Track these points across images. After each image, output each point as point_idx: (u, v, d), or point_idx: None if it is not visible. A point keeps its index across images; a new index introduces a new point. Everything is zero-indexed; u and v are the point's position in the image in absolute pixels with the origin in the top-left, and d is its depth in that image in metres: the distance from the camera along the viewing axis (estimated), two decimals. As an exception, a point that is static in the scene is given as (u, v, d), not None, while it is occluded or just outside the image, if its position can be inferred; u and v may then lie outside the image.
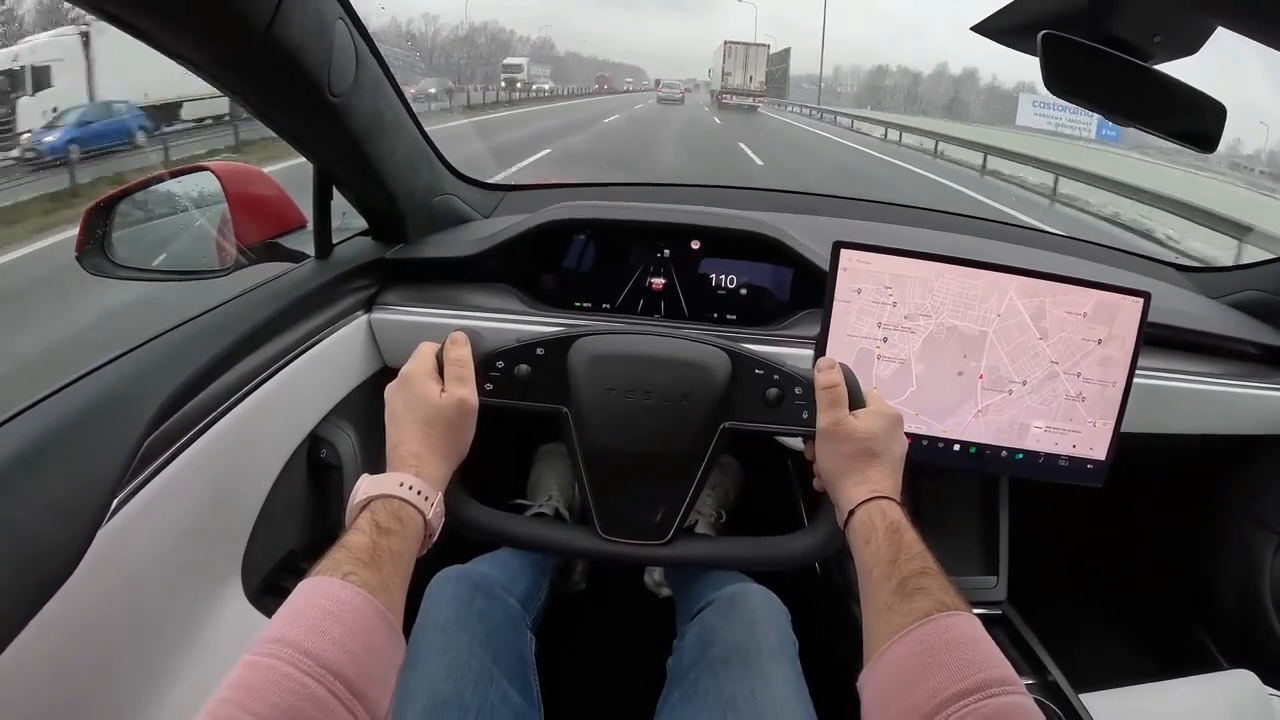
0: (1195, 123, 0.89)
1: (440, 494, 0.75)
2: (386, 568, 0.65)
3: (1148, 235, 10.52)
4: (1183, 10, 0.80)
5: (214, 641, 0.93)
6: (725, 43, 42.14)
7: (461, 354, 0.81)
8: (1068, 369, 1.10)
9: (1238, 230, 8.77)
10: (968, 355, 1.11)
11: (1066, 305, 1.09)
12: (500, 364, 0.83)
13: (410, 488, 0.71)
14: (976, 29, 0.95)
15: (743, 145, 17.53)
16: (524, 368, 0.83)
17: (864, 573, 0.72)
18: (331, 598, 0.60)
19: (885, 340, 1.11)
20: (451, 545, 0.80)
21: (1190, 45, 0.84)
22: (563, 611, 1.35)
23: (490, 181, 1.65)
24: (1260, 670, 1.14)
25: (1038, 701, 0.62)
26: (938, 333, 1.11)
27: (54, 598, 0.69)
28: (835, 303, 1.11)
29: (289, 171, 1.17)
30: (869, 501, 0.76)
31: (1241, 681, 1.13)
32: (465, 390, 0.79)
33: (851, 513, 0.76)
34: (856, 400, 0.82)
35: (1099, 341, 1.09)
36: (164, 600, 0.88)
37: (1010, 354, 1.10)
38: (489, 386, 0.83)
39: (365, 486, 0.71)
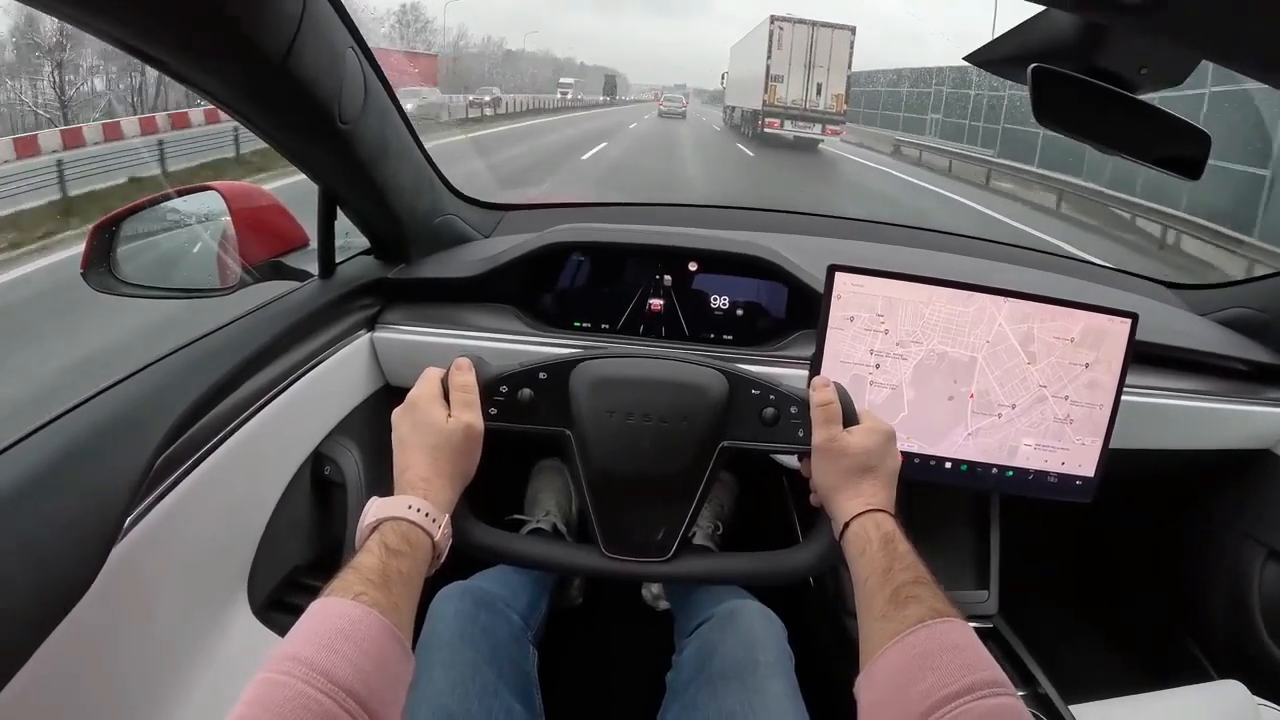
0: (1180, 151, 0.92)
1: (447, 517, 0.76)
2: (396, 589, 0.66)
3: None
4: (1168, 43, 0.82)
5: (222, 657, 0.94)
6: (773, 21, 22.00)
7: (467, 379, 0.83)
8: (1055, 393, 1.12)
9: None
10: (958, 380, 1.13)
11: (1054, 331, 1.11)
12: (504, 388, 0.85)
13: (419, 510, 0.73)
14: (969, 59, 0.97)
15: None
16: (527, 392, 0.85)
17: (859, 583, 0.74)
18: (344, 617, 0.61)
19: (878, 367, 1.14)
20: (452, 560, 0.81)
21: (1176, 76, 0.86)
22: (561, 625, 1.36)
23: (491, 201, 1.67)
24: (1249, 680, 1.15)
25: None
26: (928, 359, 1.13)
27: (68, 615, 0.71)
28: (829, 330, 1.13)
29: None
30: (864, 514, 0.77)
31: (1230, 692, 1.14)
32: (471, 415, 0.81)
33: (847, 525, 0.78)
34: (850, 417, 0.84)
35: (1086, 366, 1.12)
36: (173, 617, 0.89)
37: (999, 379, 1.12)
38: (493, 410, 0.84)
39: (374, 509, 0.73)
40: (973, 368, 1.13)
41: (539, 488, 1.68)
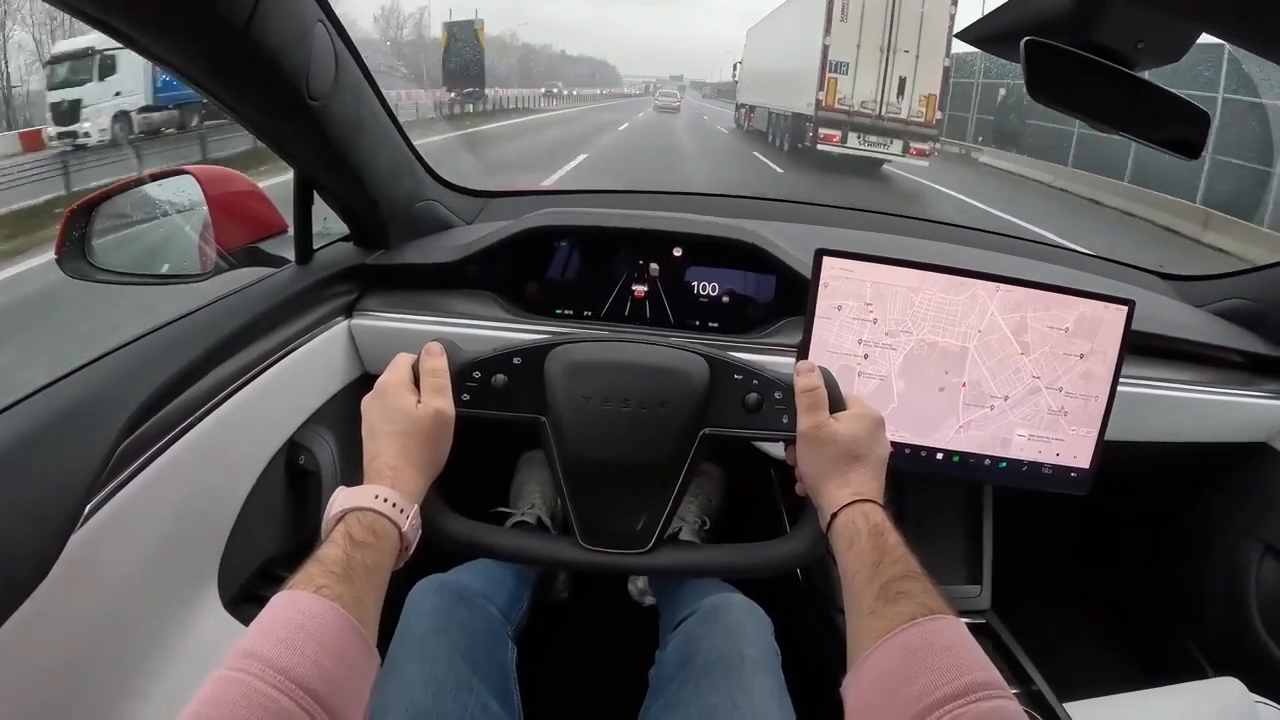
0: (1179, 130, 0.89)
1: (416, 507, 0.74)
2: (360, 581, 0.64)
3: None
4: (1167, 17, 0.80)
5: (189, 650, 0.92)
6: None
7: (437, 364, 0.80)
8: (1049, 384, 1.10)
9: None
10: (949, 371, 1.11)
11: (1048, 320, 1.09)
12: (477, 374, 0.82)
13: (385, 500, 0.70)
14: (960, 36, 0.94)
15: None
16: (501, 377, 0.83)
17: (847, 577, 0.72)
18: (304, 611, 0.59)
19: (866, 357, 1.11)
20: (432, 554, 0.79)
21: (1174, 52, 0.84)
22: (544, 620, 1.34)
23: (473, 188, 1.64)
24: (1245, 677, 1.13)
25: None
26: (918, 349, 1.11)
27: (25, 603, 0.69)
28: (816, 319, 1.11)
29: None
30: (852, 505, 0.75)
31: (1227, 689, 1.13)
32: (442, 401, 0.78)
33: (834, 516, 0.76)
34: (837, 403, 0.81)
35: (1081, 356, 1.10)
36: (138, 607, 0.87)
37: (992, 369, 1.10)
38: (466, 397, 0.82)
39: (340, 499, 0.70)
40: (964, 358, 1.10)
41: (524, 479, 1.66)
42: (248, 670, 0.54)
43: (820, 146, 14.14)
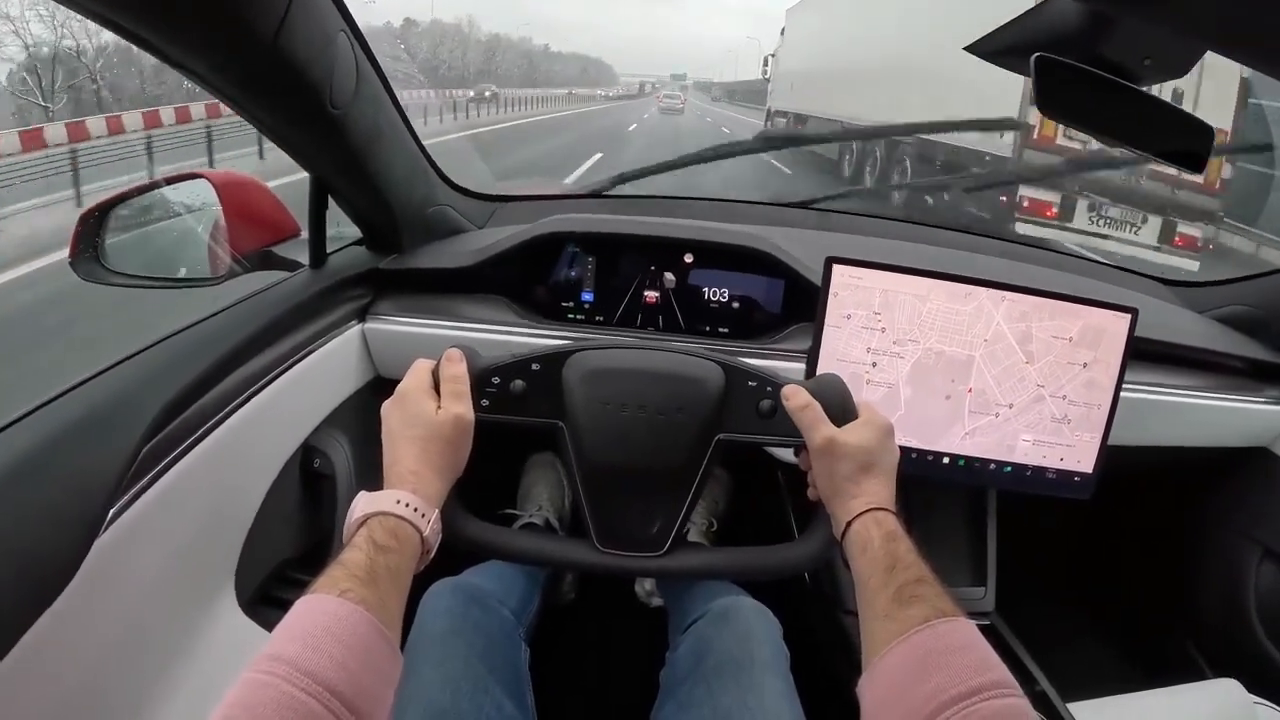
0: (1183, 143, 0.90)
1: (437, 511, 0.75)
2: (384, 585, 0.65)
3: None
4: (1173, 35, 0.81)
5: (208, 651, 0.93)
6: None
7: (457, 371, 0.81)
8: (1053, 392, 1.12)
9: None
10: (956, 379, 1.13)
11: (1053, 330, 1.11)
12: (496, 380, 0.84)
13: (407, 505, 0.71)
14: (970, 49, 0.95)
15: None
16: (519, 383, 0.84)
17: (861, 582, 0.73)
18: (329, 614, 0.60)
19: (874, 365, 1.13)
20: (444, 556, 0.80)
21: (1180, 68, 0.85)
22: (553, 621, 1.35)
23: (485, 193, 1.65)
24: (1244, 678, 1.15)
25: None
26: (926, 357, 1.12)
27: (50, 608, 0.69)
28: (826, 327, 1.12)
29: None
30: (865, 513, 0.76)
31: (1226, 690, 1.14)
32: (461, 407, 0.79)
33: (848, 524, 0.77)
34: (849, 411, 0.82)
35: (1084, 365, 1.11)
36: (159, 610, 0.88)
37: (997, 378, 1.12)
38: (485, 402, 0.83)
39: (363, 504, 0.71)
40: (970, 366, 1.12)
41: (532, 482, 1.67)
42: (275, 673, 0.54)
43: (1020, 226, 7.00)
